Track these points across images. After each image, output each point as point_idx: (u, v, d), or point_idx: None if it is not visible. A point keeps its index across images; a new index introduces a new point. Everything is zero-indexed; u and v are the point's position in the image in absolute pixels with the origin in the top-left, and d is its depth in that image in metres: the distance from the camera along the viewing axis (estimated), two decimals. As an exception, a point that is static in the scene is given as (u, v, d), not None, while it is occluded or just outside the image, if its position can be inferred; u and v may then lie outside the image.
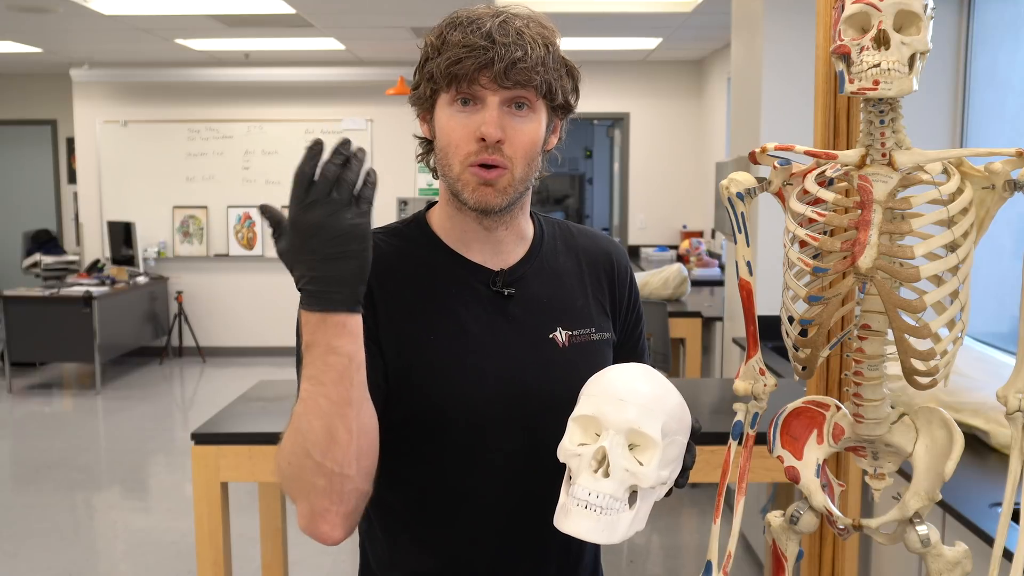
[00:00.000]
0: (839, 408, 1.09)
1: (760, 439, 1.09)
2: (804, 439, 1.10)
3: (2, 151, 8.85)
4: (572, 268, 1.26)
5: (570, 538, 1.01)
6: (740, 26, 4.11)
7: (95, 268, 7.61)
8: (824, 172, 1.02)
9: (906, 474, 1.11)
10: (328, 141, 0.97)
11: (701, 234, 7.51)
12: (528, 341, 1.18)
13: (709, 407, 2.82)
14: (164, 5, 5.25)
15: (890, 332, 0.99)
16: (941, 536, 1.05)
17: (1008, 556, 1.01)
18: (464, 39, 1.08)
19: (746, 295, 1.08)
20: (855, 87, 0.93)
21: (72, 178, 8.53)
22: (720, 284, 5.90)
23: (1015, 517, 1.72)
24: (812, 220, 1.00)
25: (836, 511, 1.07)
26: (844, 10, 0.95)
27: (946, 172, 0.98)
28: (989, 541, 1.72)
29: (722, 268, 6.06)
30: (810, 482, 1.08)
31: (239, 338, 8.10)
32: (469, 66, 1.07)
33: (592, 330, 1.23)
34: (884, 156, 0.97)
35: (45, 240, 8.14)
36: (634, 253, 7.52)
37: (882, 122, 0.96)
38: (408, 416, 1.15)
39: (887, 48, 0.92)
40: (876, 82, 0.92)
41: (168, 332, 7.95)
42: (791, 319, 1.05)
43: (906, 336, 0.97)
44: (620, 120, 8.05)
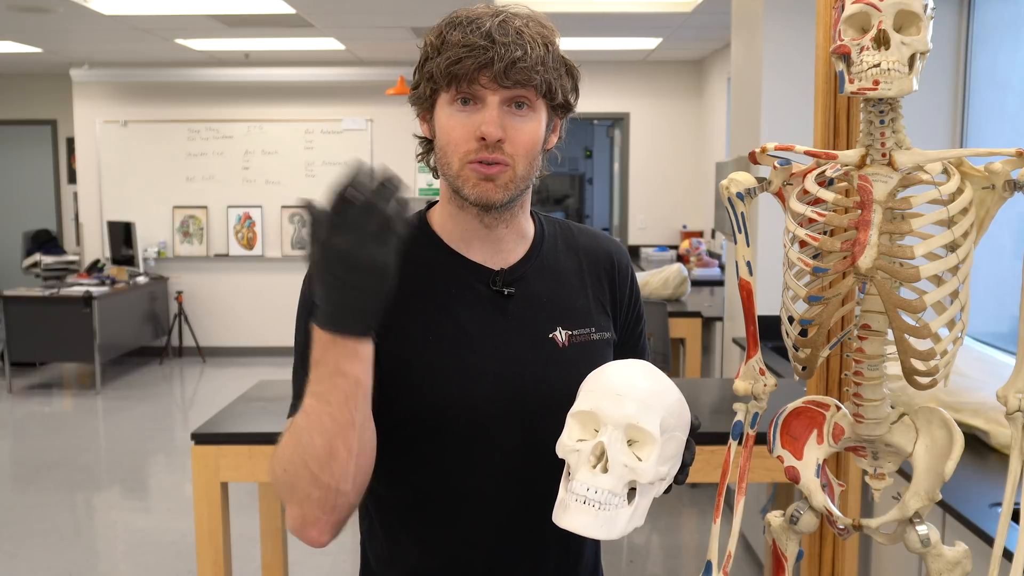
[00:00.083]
0: (839, 408, 1.09)
1: (760, 439, 1.09)
2: (804, 439, 1.10)
3: (2, 151, 8.85)
4: (573, 268, 1.26)
5: (569, 536, 1.01)
6: (740, 26, 4.11)
7: (95, 268, 7.61)
8: (824, 172, 1.02)
9: (906, 474, 1.11)
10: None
11: (701, 234, 7.51)
12: (528, 341, 1.18)
13: (709, 407, 2.82)
14: (164, 5, 5.25)
15: (890, 332, 0.99)
16: (941, 536, 1.05)
17: (1008, 556, 1.01)
18: (464, 39, 1.08)
19: (746, 295, 1.09)
20: (855, 87, 0.94)
21: (72, 178, 8.53)
22: (720, 284, 5.90)
23: (1015, 517, 1.72)
24: (812, 220, 1.00)
25: (836, 511, 1.07)
26: (844, 10, 0.95)
27: (946, 172, 0.98)
28: (989, 541, 1.72)
29: (722, 268, 6.06)
30: (810, 482, 1.08)
31: (239, 338, 8.10)
32: (469, 66, 1.07)
33: (592, 330, 1.22)
34: (884, 156, 0.97)
35: (45, 240, 8.14)
36: (634, 253, 7.51)
37: (882, 122, 0.96)
38: (408, 415, 1.15)
39: (887, 48, 0.92)
40: (876, 82, 0.92)
41: (168, 332, 7.95)
42: (791, 319, 1.05)
43: (906, 336, 0.97)
44: (620, 120, 8.04)
